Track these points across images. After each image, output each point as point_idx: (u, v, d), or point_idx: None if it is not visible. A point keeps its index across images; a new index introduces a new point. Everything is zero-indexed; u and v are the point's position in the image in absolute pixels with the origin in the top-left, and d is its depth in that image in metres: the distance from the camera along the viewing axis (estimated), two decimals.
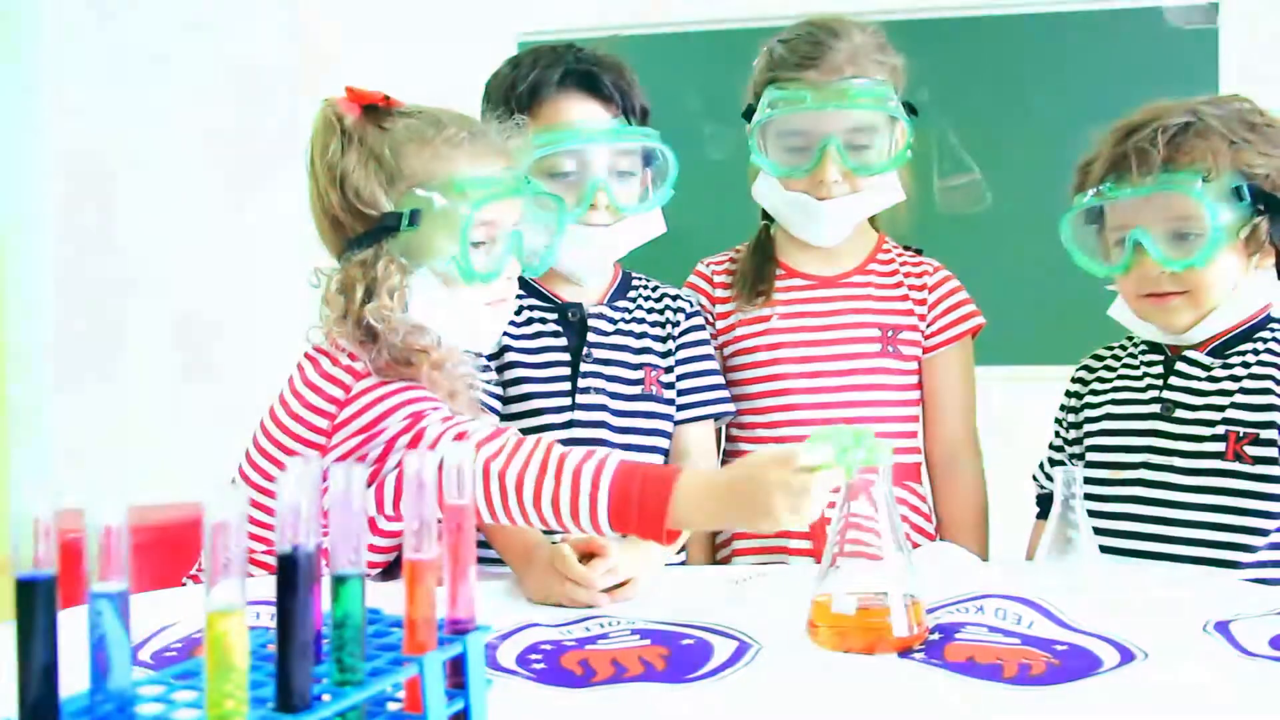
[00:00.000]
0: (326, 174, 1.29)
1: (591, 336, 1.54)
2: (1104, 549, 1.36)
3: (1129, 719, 0.84)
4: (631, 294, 1.61)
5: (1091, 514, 1.38)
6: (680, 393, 1.57)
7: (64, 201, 3.66)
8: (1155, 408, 1.44)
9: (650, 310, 1.60)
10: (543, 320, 1.55)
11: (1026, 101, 3.32)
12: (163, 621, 1.08)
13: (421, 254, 1.28)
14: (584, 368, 1.52)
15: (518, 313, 1.53)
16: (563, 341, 1.54)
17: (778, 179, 1.59)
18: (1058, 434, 1.59)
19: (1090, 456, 1.49)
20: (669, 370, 1.57)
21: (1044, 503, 1.60)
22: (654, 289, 1.63)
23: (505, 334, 1.51)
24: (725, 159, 3.10)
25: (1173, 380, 1.44)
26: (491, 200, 1.29)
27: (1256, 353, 1.40)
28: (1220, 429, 1.38)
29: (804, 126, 1.56)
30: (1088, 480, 1.44)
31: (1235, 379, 1.39)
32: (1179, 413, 1.41)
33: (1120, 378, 1.51)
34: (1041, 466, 1.61)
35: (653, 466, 1.19)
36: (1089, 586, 1.20)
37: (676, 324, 1.60)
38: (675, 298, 1.63)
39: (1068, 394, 1.58)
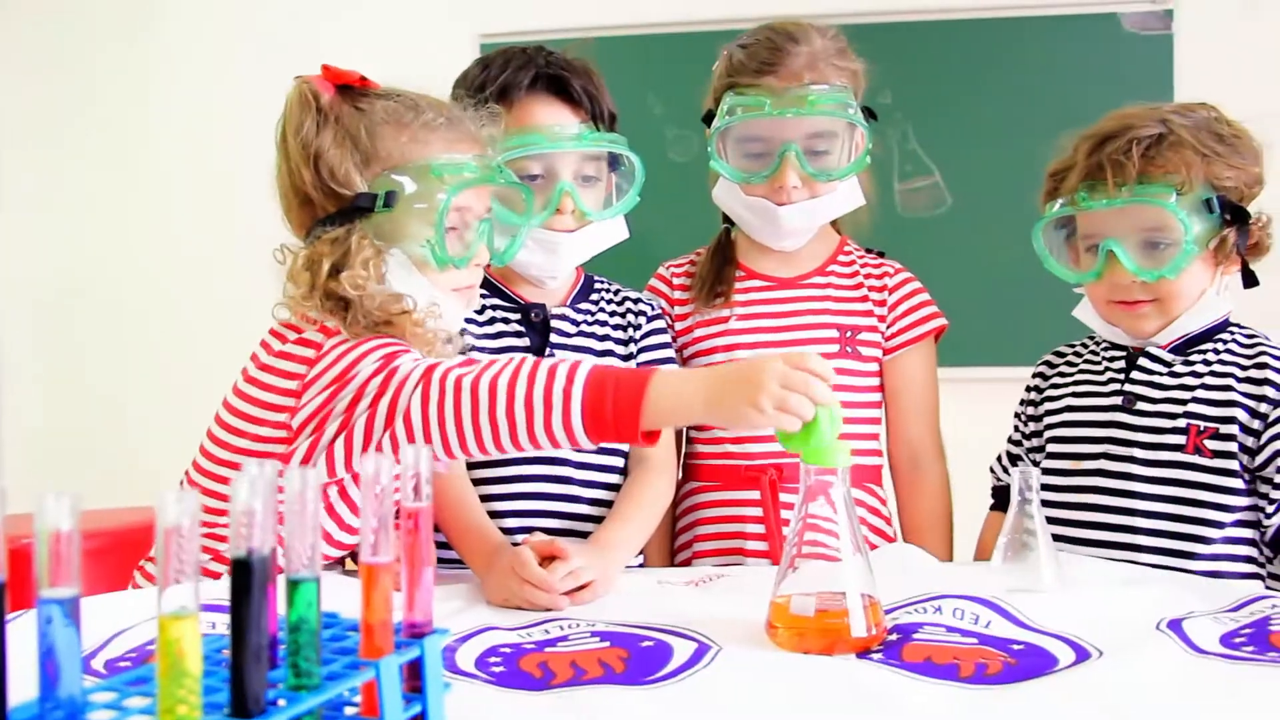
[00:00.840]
0: (300, 151, 1.28)
1: (554, 338, 1.54)
2: (1064, 538, 1.39)
3: (1081, 717, 0.84)
4: (594, 296, 1.61)
5: (1053, 504, 1.41)
6: None
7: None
8: (1117, 400, 1.46)
9: (612, 314, 1.60)
10: (505, 320, 1.55)
11: (986, 105, 3.35)
12: (115, 627, 1.07)
13: (395, 236, 1.28)
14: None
15: (480, 311, 1.54)
16: (525, 342, 1.54)
17: (737, 184, 1.59)
18: (1017, 428, 1.61)
19: (1051, 447, 1.51)
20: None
21: (999, 494, 1.63)
22: (615, 292, 1.63)
23: (468, 333, 1.51)
24: (687, 161, 3.11)
25: (1135, 374, 1.46)
26: (467, 186, 1.29)
27: (1217, 352, 1.43)
28: (1181, 422, 1.41)
29: (763, 133, 1.55)
30: (1049, 470, 1.47)
31: (1197, 375, 1.43)
32: (1140, 405, 1.44)
33: (1082, 372, 1.53)
34: (1000, 459, 1.63)
35: (629, 368, 1.18)
36: (1046, 585, 1.21)
37: (638, 327, 1.60)
38: (637, 300, 1.64)
39: (1028, 388, 1.61)
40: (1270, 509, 1.36)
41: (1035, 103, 3.29)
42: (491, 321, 1.55)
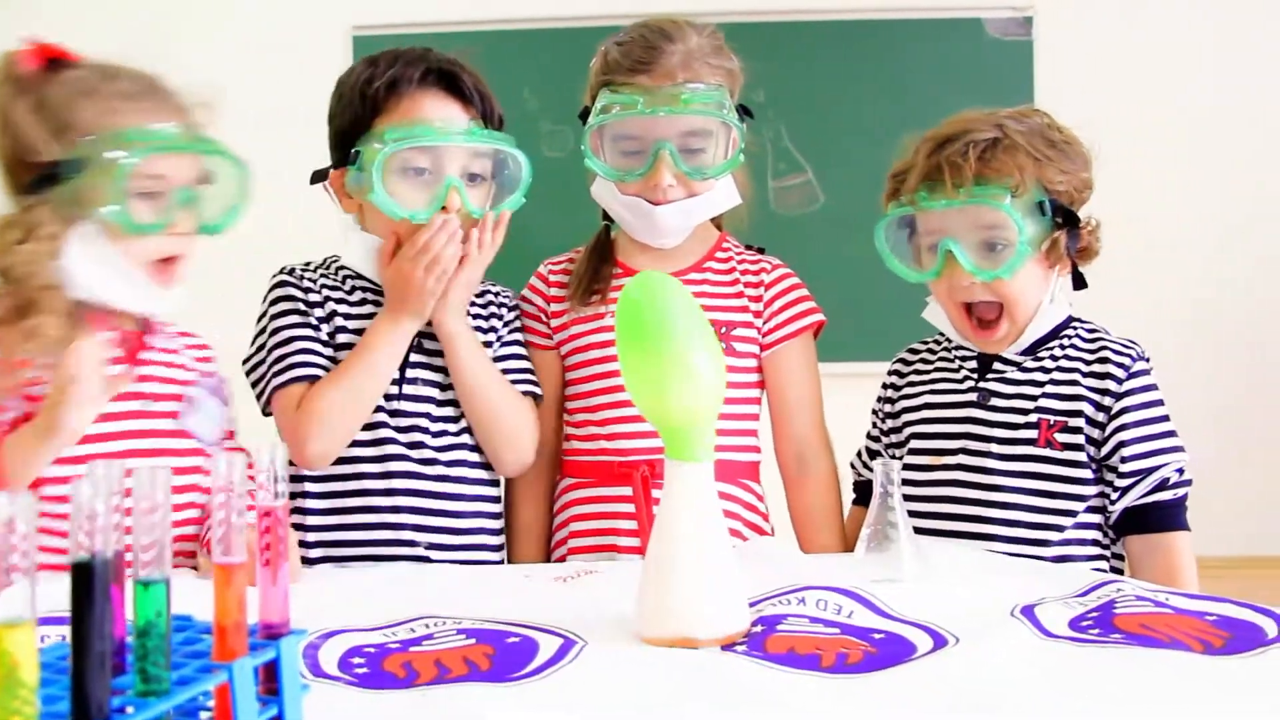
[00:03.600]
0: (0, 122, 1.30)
1: (423, 328, 1.54)
2: (927, 531, 1.43)
3: (937, 701, 0.87)
4: None
5: (915, 498, 1.45)
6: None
7: None
8: (973, 396, 1.51)
9: (472, 304, 1.60)
10: (376, 302, 1.56)
11: (857, 105, 3.42)
12: None
13: (86, 204, 1.28)
14: (413, 358, 1.54)
15: (350, 292, 1.56)
16: None
17: (612, 182, 1.59)
18: (875, 424, 1.65)
19: (913, 444, 1.56)
20: (493, 361, 1.58)
21: (860, 489, 1.67)
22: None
23: (340, 325, 1.53)
24: (562, 156, 3.11)
25: (988, 373, 1.51)
26: (156, 152, 1.31)
27: (1063, 348, 1.50)
28: (1033, 417, 1.46)
29: (637, 131, 1.55)
30: (912, 466, 1.51)
31: (1045, 371, 1.49)
32: (994, 401, 1.49)
33: (938, 370, 1.58)
34: (860, 455, 1.67)
35: None
36: (907, 575, 1.24)
37: (501, 318, 1.62)
38: (498, 293, 1.65)
39: (884, 385, 1.65)
40: (1114, 495, 1.43)
41: (904, 104, 3.37)
42: (363, 303, 1.56)
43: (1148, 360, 1.47)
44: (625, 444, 1.58)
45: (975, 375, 1.53)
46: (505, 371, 1.58)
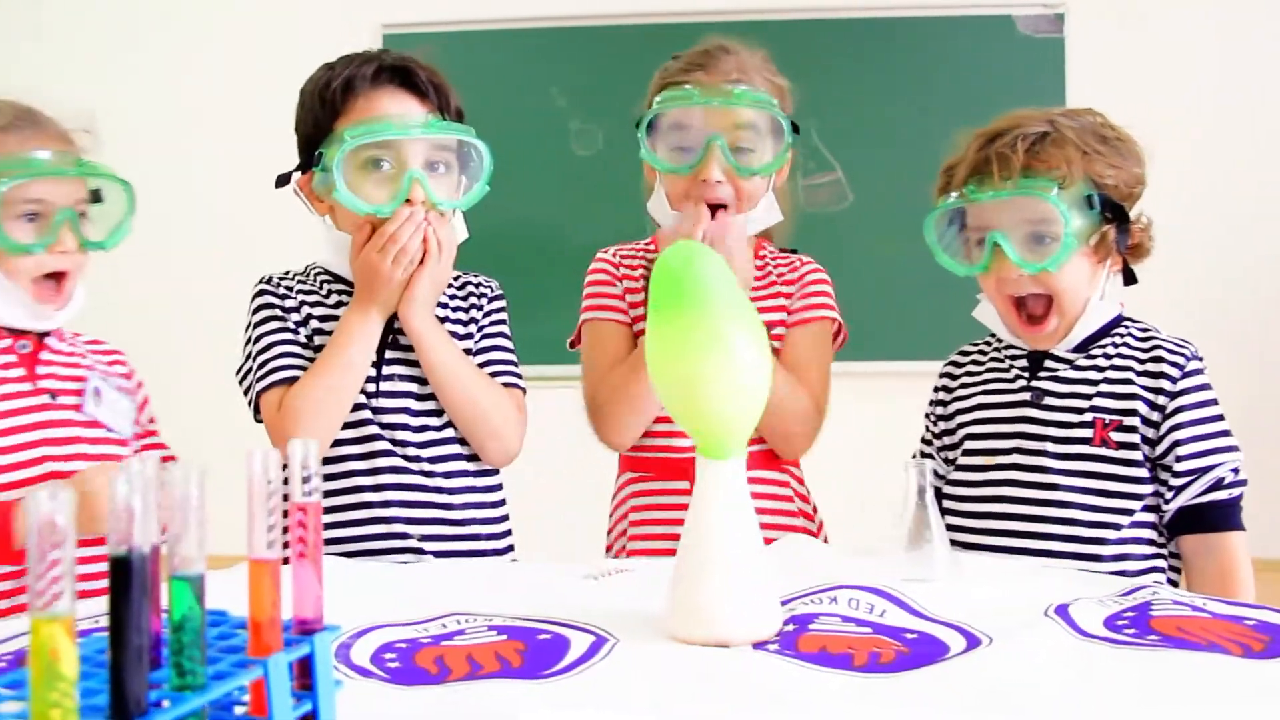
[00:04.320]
0: None
1: (396, 323, 1.55)
2: (981, 531, 1.44)
3: (970, 702, 0.86)
4: None
5: (971, 498, 1.47)
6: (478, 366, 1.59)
7: None
8: (1026, 396, 1.51)
9: (453, 296, 1.62)
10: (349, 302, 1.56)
11: (887, 103, 3.41)
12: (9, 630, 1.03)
13: None
14: (388, 354, 1.54)
15: (327, 296, 1.57)
16: None
17: (664, 185, 1.61)
18: (928, 428, 1.64)
19: (967, 444, 1.55)
20: (473, 354, 1.59)
21: None
22: (455, 277, 1.64)
23: (317, 328, 1.54)
24: (590, 155, 3.11)
25: (1041, 372, 1.51)
26: (30, 178, 1.41)
27: (1115, 346, 1.49)
28: (1088, 416, 1.45)
29: (690, 121, 1.58)
30: (967, 467, 1.50)
31: (1099, 369, 1.48)
32: (1048, 400, 1.48)
33: (990, 370, 1.57)
34: (915, 458, 1.66)
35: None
36: (939, 575, 1.23)
37: (480, 308, 1.63)
38: (479, 284, 1.66)
39: (936, 388, 1.64)
40: (1169, 495, 1.42)
41: (934, 102, 3.35)
42: (339, 305, 1.57)
43: (1201, 360, 1.46)
44: (683, 442, 1.60)
45: (1027, 374, 1.52)
46: (486, 364, 1.59)
